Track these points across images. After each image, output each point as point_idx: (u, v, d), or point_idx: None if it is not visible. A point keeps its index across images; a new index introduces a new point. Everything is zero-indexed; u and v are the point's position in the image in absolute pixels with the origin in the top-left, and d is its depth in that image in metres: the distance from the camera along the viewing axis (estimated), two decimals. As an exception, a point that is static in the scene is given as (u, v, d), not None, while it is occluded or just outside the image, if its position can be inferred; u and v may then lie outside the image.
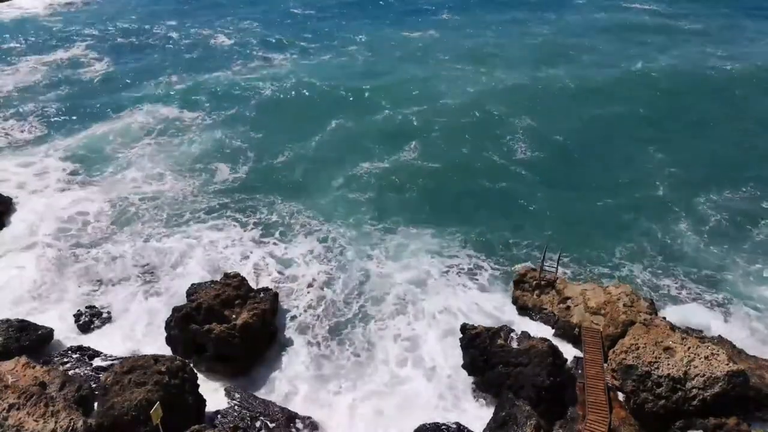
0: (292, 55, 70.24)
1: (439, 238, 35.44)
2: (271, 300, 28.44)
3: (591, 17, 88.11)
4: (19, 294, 30.41)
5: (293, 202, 39.29)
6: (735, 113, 52.66)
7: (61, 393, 21.67)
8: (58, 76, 62.07)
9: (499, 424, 21.99)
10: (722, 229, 36.33)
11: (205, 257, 33.58)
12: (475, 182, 41.72)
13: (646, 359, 23.07)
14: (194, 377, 23.25)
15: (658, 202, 39.04)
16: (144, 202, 39.00)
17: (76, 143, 46.92)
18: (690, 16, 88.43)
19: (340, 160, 44.71)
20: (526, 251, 34.29)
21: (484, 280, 32.15)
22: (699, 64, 65.30)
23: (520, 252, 34.30)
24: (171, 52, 71.69)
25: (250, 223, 36.99)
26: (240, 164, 44.25)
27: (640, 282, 31.83)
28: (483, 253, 34.10)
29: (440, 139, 48.25)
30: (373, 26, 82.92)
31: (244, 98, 56.61)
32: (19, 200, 38.53)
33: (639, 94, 56.64)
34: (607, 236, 35.35)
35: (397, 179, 42.07)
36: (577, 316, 27.59)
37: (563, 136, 48.37)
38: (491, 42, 75.51)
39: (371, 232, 36.13)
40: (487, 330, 25.91)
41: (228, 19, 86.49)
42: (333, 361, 26.94)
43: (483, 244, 34.91)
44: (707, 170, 42.73)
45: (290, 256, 33.98)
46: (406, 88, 58.60)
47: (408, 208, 38.56)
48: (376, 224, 36.87)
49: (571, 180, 41.71)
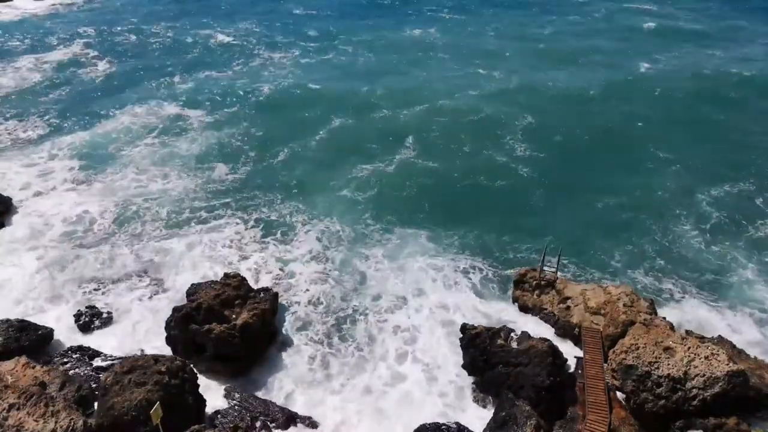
0: (293, 55, 70.24)
1: (439, 237, 35.45)
2: (271, 300, 28.41)
3: (592, 17, 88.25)
4: (20, 294, 30.42)
5: (293, 201, 39.34)
6: (734, 112, 52.61)
7: (61, 393, 21.67)
8: (60, 76, 62.08)
9: (499, 424, 21.97)
10: (723, 229, 36.31)
11: (206, 257, 33.59)
12: (474, 182, 41.71)
13: (646, 359, 23.04)
14: (194, 377, 23.25)
15: (659, 201, 39.01)
16: (145, 201, 38.98)
17: (78, 142, 46.95)
18: (689, 16, 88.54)
19: (340, 160, 44.75)
20: (526, 251, 34.24)
21: (484, 280, 32.11)
22: (698, 63, 65.44)
23: (520, 252, 34.27)
24: (172, 52, 71.67)
25: (250, 222, 37.01)
26: (240, 164, 44.30)
27: (640, 282, 31.80)
28: (483, 254, 34.06)
29: (440, 138, 48.27)
30: (374, 26, 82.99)
31: (245, 97, 56.60)
32: (19, 200, 38.55)
33: (639, 94, 56.67)
34: (608, 236, 35.32)
35: (396, 179, 42.09)
36: (577, 316, 27.58)
37: (563, 136, 48.39)
38: (492, 42, 75.59)
39: (370, 232, 36.13)
40: (487, 330, 25.93)
41: (228, 20, 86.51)
42: (333, 360, 26.92)
43: (483, 244, 34.86)
44: (708, 170, 42.71)
45: (290, 255, 33.98)
46: (405, 88, 58.53)
47: (407, 207, 38.57)
48: (374, 224, 36.88)
49: (572, 180, 41.67)
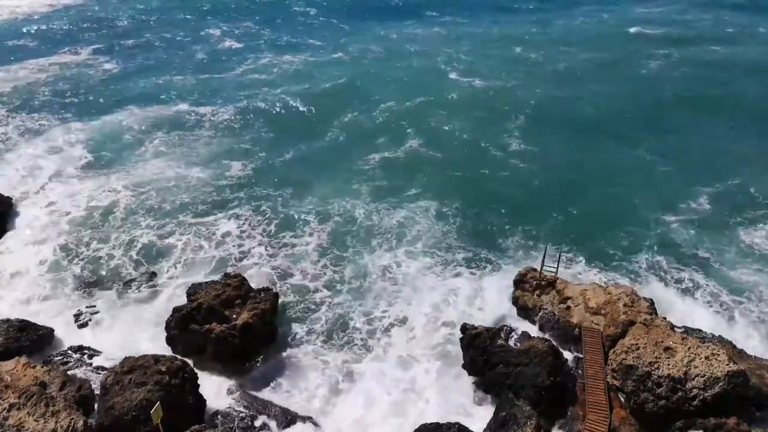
0: (300, 54, 70.55)
1: (440, 237, 35.47)
2: (271, 299, 28.35)
3: (593, 17, 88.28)
4: (20, 293, 30.43)
5: (294, 200, 39.35)
6: (734, 113, 52.52)
7: (62, 393, 21.68)
8: (65, 75, 62.55)
9: (500, 424, 21.99)
10: (724, 229, 36.22)
11: (206, 256, 33.60)
12: (474, 182, 41.69)
13: (646, 359, 23.03)
14: (194, 377, 23.27)
15: (659, 201, 38.90)
16: (146, 200, 38.95)
17: (83, 139, 47.07)
18: (688, 16, 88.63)
19: (343, 159, 44.87)
20: (526, 252, 34.27)
21: (484, 280, 32.08)
22: (696, 62, 65.66)
23: (520, 252, 34.27)
24: (178, 50, 72.17)
25: (250, 222, 36.96)
26: (243, 162, 44.26)
27: (641, 282, 31.77)
28: (483, 254, 34.05)
29: (443, 138, 48.32)
30: (380, 26, 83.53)
31: (253, 95, 56.89)
32: (19, 201, 38.49)
33: (639, 95, 56.68)
34: (608, 236, 35.26)
35: (401, 177, 42.13)
36: (577, 316, 27.57)
37: (563, 137, 48.39)
38: (494, 42, 75.77)
39: (372, 231, 36.11)
40: (487, 330, 25.92)
41: (232, 18, 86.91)
42: (333, 360, 26.87)
43: (483, 244, 34.86)
44: (708, 170, 42.57)
45: (290, 255, 33.94)
46: (413, 86, 59.11)
47: (409, 207, 38.52)
48: (376, 223, 36.86)
49: (572, 180, 41.63)
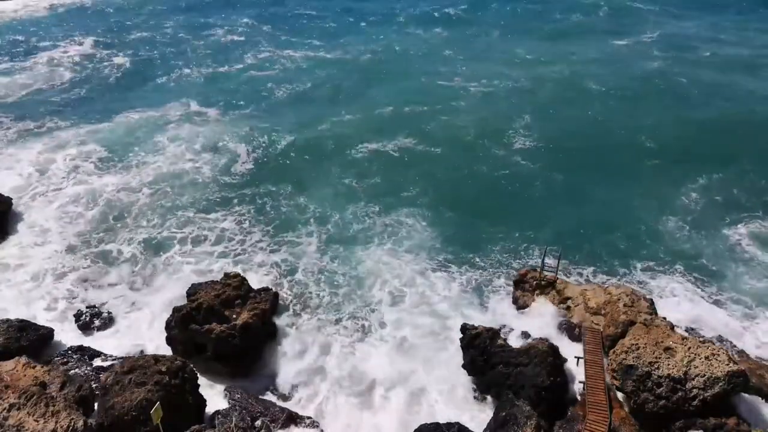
0: (302, 51, 70.76)
1: (441, 237, 35.42)
2: (271, 299, 28.39)
3: (593, 17, 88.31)
4: (20, 293, 30.43)
5: (294, 199, 39.37)
6: (733, 111, 52.56)
7: (62, 393, 21.65)
8: (72, 72, 62.89)
9: (500, 424, 21.97)
10: (724, 230, 36.26)
11: (206, 256, 33.59)
12: (474, 183, 41.72)
13: (646, 359, 23.00)
14: (194, 377, 23.25)
15: (660, 202, 38.92)
16: (147, 199, 38.99)
17: (87, 139, 47.08)
18: (687, 16, 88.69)
19: (343, 158, 44.92)
20: (526, 251, 34.27)
21: (484, 279, 32.10)
22: (696, 62, 65.76)
23: (520, 252, 34.28)
24: (182, 47, 72.46)
25: (251, 221, 36.99)
26: (243, 161, 44.29)
27: (641, 282, 31.79)
28: (483, 254, 34.05)
29: (443, 138, 48.21)
30: (380, 25, 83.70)
31: (255, 92, 57.31)
32: (21, 200, 38.46)
33: (639, 95, 56.65)
34: (608, 236, 35.27)
35: (401, 176, 42.15)
36: (577, 316, 27.57)
37: (563, 136, 48.27)
38: (495, 41, 75.83)
39: (372, 231, 36.11)
40: (487, 330, 25.87)
41: (235, 17, 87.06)
42: (333, 360, 26.86)
43: (483, 245, 34.85)
44: (709, 170, 42.52)
45: (290, 255, 33.95)
46: (412, 84, 59.26)
47: (410, 206, 38.54)
48: (377, 222, 36.87)
49: (572, 180, 41.60)
